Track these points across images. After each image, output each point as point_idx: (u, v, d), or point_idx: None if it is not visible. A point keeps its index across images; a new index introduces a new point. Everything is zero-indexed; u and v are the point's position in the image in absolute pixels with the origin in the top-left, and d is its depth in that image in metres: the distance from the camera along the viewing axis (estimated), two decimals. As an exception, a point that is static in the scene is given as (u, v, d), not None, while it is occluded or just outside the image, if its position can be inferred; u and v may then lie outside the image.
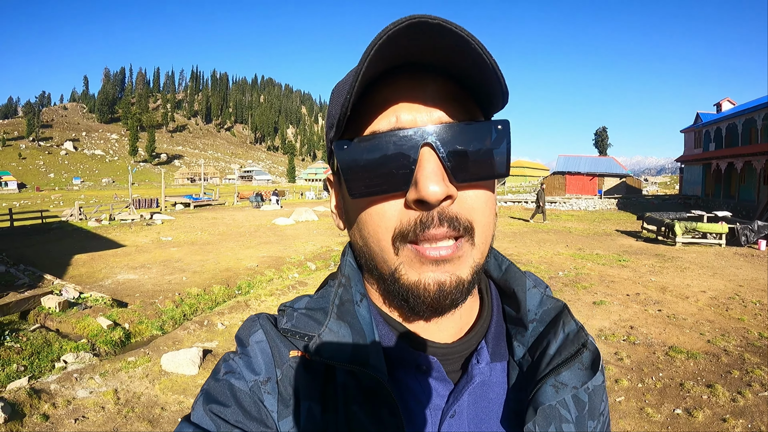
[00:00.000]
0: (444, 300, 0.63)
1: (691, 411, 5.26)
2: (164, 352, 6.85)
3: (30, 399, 5.37)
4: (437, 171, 0.60)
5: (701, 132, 41.79)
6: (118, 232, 20.86)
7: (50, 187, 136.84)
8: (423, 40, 0.57)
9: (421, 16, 0.54)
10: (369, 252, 0.68)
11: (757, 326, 8.01)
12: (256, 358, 0.70)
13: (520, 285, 0.78)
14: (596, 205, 40.17)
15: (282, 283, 11.63)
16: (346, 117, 0.63)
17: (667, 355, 6.78)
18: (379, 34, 0.54)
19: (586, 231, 22.76)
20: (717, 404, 5.41)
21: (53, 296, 8.85)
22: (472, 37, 0.56)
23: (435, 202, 0.59)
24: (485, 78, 0.61)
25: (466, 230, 0.63)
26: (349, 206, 0.71)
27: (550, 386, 0.68)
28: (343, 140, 0.64)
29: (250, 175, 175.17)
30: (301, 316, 0.72)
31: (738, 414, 5.17)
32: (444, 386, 0.70)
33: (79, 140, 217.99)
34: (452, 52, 0.59)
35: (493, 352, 0.74)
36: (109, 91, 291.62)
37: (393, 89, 0.64)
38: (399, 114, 0.63)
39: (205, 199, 46.81)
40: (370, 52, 0.55)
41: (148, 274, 12.15)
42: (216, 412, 0.64)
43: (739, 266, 13.59)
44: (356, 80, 0.57)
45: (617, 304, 9.34)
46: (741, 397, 5.52)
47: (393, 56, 0.59)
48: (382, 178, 0.62)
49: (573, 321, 0.74)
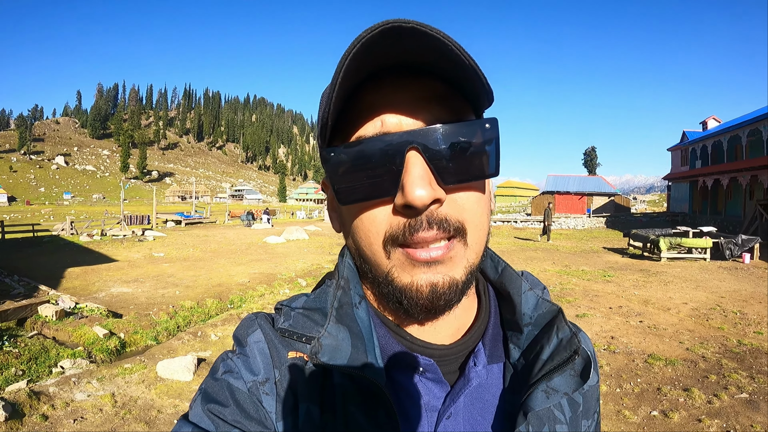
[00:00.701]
0: (438, 301, 0.63)
1: (667, 413, 5.48)
2: (159, 360, 7.05)
3: (30, 400, 5.55)
4: (423, 175, 0.60)
5: (687, 150, 42.50)
6: (110, 247, 20.95)
7: (40, 202, 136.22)
8: (400, 45, 0.57)
9: (395, 21, 0.54)
10: (362, 255, 0.69)
11: (736, 334, 8.29)
12: (254, 359, 0.70)
13: (516, 288, 0.78)
14: (585, 223, 40.52)
15: (273, 298, 11.84)
16: (328, 127, 0.64)
17: (645, 363, 7.00)
18: (353, 42, 0.55)
19: (573, 249, 23.07)
20: (693, 406, 5.64)
21: (50, 305, 9.03)
22: (448, 38, 0.57)
23: (422, 207, 0.59)
24: (467, 77, 0.62)
25: (458, 232, 0.63)
26: (341, 211, 0.72)
27: (541, 391, 0.69)
28: (330, 147, 0.64)
29: (241, 194, 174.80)
30: (298, 316, 0.73)
31: (713, 415, 5.40)
32: (440, 388, 0.70)
33: (70, 155, 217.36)
34: (431, 54, 0.59)
35: (490, 354, 0.75)
36: (102, 106, 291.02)
37: (377, 93, 0.64)
38: (384, 118, 0.63)
39: (197, 216, 46.93)
40: (345, 61, 0.56)
41: (142, 288, 12.29)
42: (214, 411, 0.64)
43: (723, 279, 13.97)
44: (333, 91, 0.58)
45: (599, 317, 9.57)
46: (717, 399, 5.76)
47: (371, 63, 0.59)
48: (369, 184, 0.63)
49: (567, 326, 0.74)
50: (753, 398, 5.77)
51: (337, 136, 0.67)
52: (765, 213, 24.61)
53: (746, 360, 7.03)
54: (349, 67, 0.56)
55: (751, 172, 28.93)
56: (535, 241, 26.30)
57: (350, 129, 0.65)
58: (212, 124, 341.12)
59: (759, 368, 6.70)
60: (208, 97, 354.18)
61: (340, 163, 0.63)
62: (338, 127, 0.66)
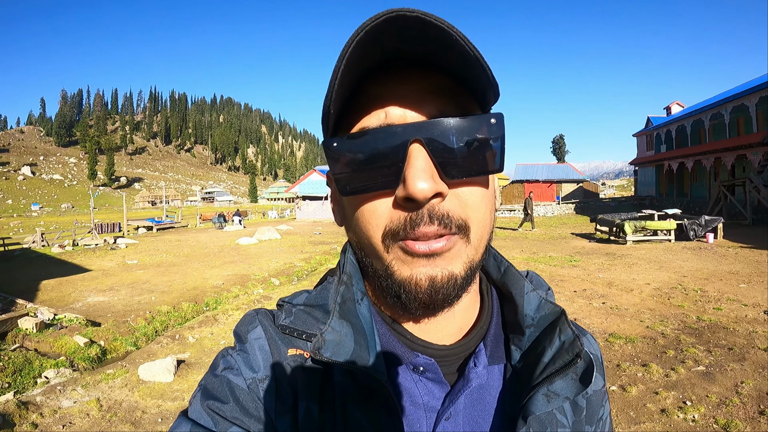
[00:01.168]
0: (436, 296, 0.62)
1: (625, 387, 5.80)
2: (140, 364, 7.22)
3: (18, 410, 5.73)
4: (426, 168, 0.59)
5: (652, 135, 43.36)
6: (83, 257, 20.81)
7: (8, 214, 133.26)
8: (404, 34, 0.57)
9: (400, 9, 0.53)
10: (363, 248, 0.68)
11: (696, 311, 8.68)
12: (254, 356, 0.70)
13: (518, 288, 0.77)
14: (554, 210, 41.02)
15: (248, 299, 12.03)
16: (331, 116, 0.63)
17: (606, 341, 7.35)
18: (356, 30, 0.55)
19: (542, 236, 23.44)
20: (651, 380, 5.95)
21: (29, 318, 9.12)
22: (452, 28, 0.56)
23: (423, 200, 0.58)
24: (471, 70, 0.61)
25: (460, 228, 0.62)
26: (343, 203, 0.71)
27: (542, 395, 0.68)
28: (332, 138, 0.64)
29: (211, 196, 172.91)
30: (300, 313, 0.74)
31: (670, 387, 5.72)
32: (440, 388, 0.70)
33: (36, 165, 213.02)
34: (435, 44, 0.58)
35: (491, 355, 0.74)
36: (67, 113, 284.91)
37: (382, 85, 0.63)
38: (389, 110, 0.62)
39: (168, 221, 46.50)
40: (348, 49, 0.55)
41: (118, 296, 12.34)
42: (214, 408, 0.65)
43: (686, 259, 14.48)
44: (335, 78, 0.57)
45: (564, 300, 9.89)
46: (674, 372, 6.09)
47: (375, 52, 0.59)
48: (371, 176, 0.62)
49: (570, 328, 0.72)
50: (709, 370, 6.07)
51: (341, 127, 0.67)
52: (728, 194, 25.19)
53: (704, 335, 7.38)
54: (352, 55, 0.56)
55: (714, 155, 29.75)
56: (514, 231, 26.40)
57: (354, 120, 0.65)
58: (180, 127, 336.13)
59: (716, 342, 7.03)
60: (174, 100, 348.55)
61: (342, 154, 0.63)
62: (342, 118, 0.67)
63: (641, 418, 5.14)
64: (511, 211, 41.07)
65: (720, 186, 25.94)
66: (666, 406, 5.32)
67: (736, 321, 7.96)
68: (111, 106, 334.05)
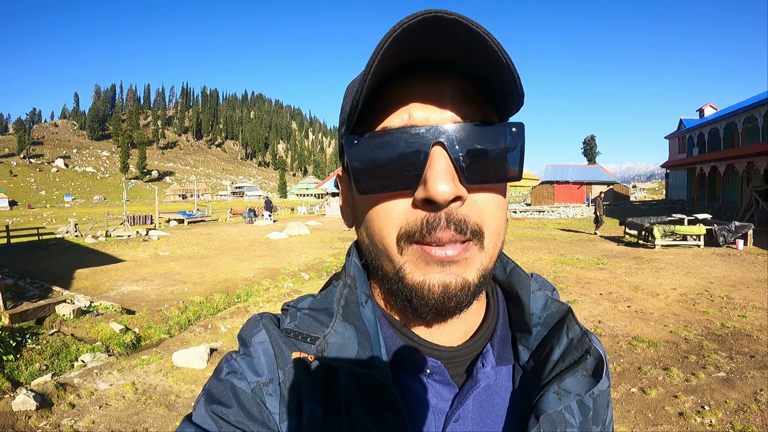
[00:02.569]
0: (448, 303, 0.62)
1: (645, 389, 5.85)
2: (174, 351, 7.49)
3: (57, 391, 6.01)
4: (447, 171, 0.59)
5: (685, 137, 42.54)
6: (115, 248, 21.14)
7: (41, 205, 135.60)
8: (438, 35, 0.56)
9: (437, 10, 0.53)
10: (374, 249, 0.67)
11: (720, 318, 8.61)
12: (258, 359, 0.70)
13: (525, 288, 0.77)
14: (584, 212, 40.35)
15: (278, 292, 12.19)
16: (357, 111, 0.62)
17: (629, 344, 7.39)
18: (393, 27, 0.54)
19: (570, 238, 23.26)
20: (671, 384, 5.99)
21: (66, 305, 9.42)
22: (488, 34, 0.56)
23: (443, 202, 0.59)
24: (500, 77, 0.61)
25: (474, 234, 0.62)
26: (357, 203, 0.71)
27: (553, 393, 0.68)
28: (353, 135, 0.64)
29: (241, 191, 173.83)
30: (304, 317, 0.73)
31: (690, 392, 5.75)
32: (448, 390, 0.70)
33: (70, 157, 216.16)
34: (467, 48, 0.58)
35: (498, 355, 0.74)
36: (100, 107, 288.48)
37: (407, 86, 0.63)
38: (412, 111, 0.62)
39: (199, 215, 46.91)
40: (383, 45, 0.55)
41: (151, 286, 12.61)
42: (217, 412, 0.65)
43: (714, 265, 14.24)
44: (368, 73, 0.57)
45: (589, 302, 9.93)
46: (694, 377, 6.11)
47: (407, 51, 0.58)
48: (390, 175, 0.61)
49: (577, 325, 0.73)
50: (730, 377, 6.08)
51: (361, 125, 0.66)
52: (760, 200, 24.70)
53: (727, 342, 7.36)
54: (386, 52, 0.56)
55: (747, 159, 29.05)
56: (589, 234, 25.01)
57: (375, 119, 0.65)
58: (210, 122, 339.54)
59: (738, 349, 7.01)
60: (205, 95, 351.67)
61: (363, 152, 0.63)
62: (363, 117, 0.66)
63: (659, 420, 5.20)
64: (540, 212, 40.80)
65: (752, 191, 25.45)
66: (684, 409, 5.37)
67: (760, 329, 7.92)
68: (143, 101, 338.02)
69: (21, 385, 6.27)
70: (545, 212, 40.97)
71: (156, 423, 5.46)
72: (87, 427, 5.32)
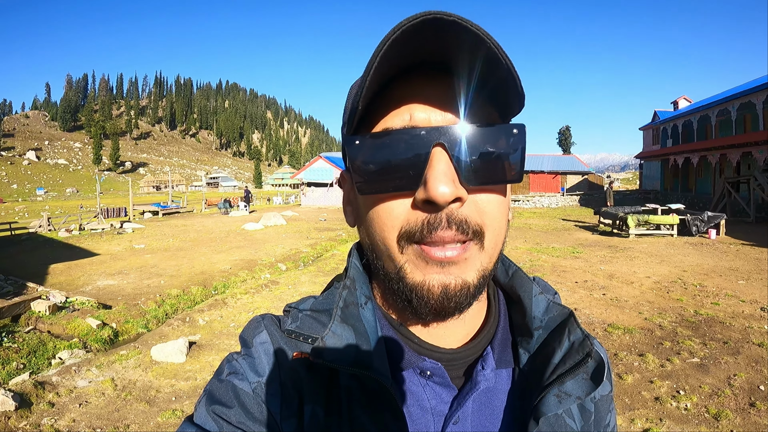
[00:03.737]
0: (448, 303, 0.63)
1: (621, 375, 6.00)
2: (152, 345, 7.44)
3: (35, 390, 5.94)
4: (448, 172, 0.59)
5: (659, 129, 43.29)
6: (90, 242, 20.90)
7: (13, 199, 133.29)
8: (438, 37, 0.57)
9: (437, 12, 0.54)
10: (375, 249, 0.68)
11: (694, 305, 8.86)
12: (260, 360, 0.70)
13: (527, 291, 0.77)
14: (559, 202, 40.95)
15: (255, 283, 12.18)
16: (358, 112, 0.63)
17: (605, 331, 7.56)
18: (393, 28, 0.54)
19: (546, 227, 23.56)
20: (646, 369, 6.16)
21: (42, 301, 9.31)
22: (487, 35, 0.56)
23: (443, 203, 0.59)
24: (500, 78, 0.61)
25: (476, 234, 0.62)
26: (358, 203, 0.71)
27: (553, 396, 0.68)
28: (354, 135, 0.64)
29: (216, 181, 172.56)
30: (305, 318, 0.73)
31: (665, 377, 5.92)
32: (448, 392, 0.70)
33: (41, 149, 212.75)
34: (467, 49, 0.58)
35: (498, 358, 0.74)
36: (72, 98, 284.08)
37: (408, 87, 0.64)
38: (413, 112, 0.63)
39: (174, 206, 46.31)
40: (383, 47, 0.55)
41: (127, 280, 12.51)
42: (219, 413, 0.65)
43: (687, 254, 14.63)
44: (368, 75, 0.57)
45: (565, 291, 10.08)
46: (669, 363, 6.29)
47: (407, 52, 0.59)
48: (391, 176, 0.62)
49: (579, 329, 0.73)
50: (704, 362, 6.27)
51: (363, 126, 0.67)
52: (733, 191, 25.13)
53: (701, 328, 7.57)
54: (386, 53, 0.56)
55: (720, 151, 29.71)
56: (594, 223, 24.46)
57: (376, 119, 0.65)
58: (185, 112, 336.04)
59: (712, 336, 7.22)
60: (179, 85, 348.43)
61: (364, 152, 0.63)
62: (365, 118, 0.66)
63: (635, 405, 5.32)
64: (516, 201, 41.05)
65: (724, 182, 25.81)
66: (660, 394, 5.51)
67: (733, 316, 8.12)
68: (116, 91, 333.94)
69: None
70: (521, 201, 41.26)
71: (137, 419, 5.43)
72: (68, 425, 5.29)
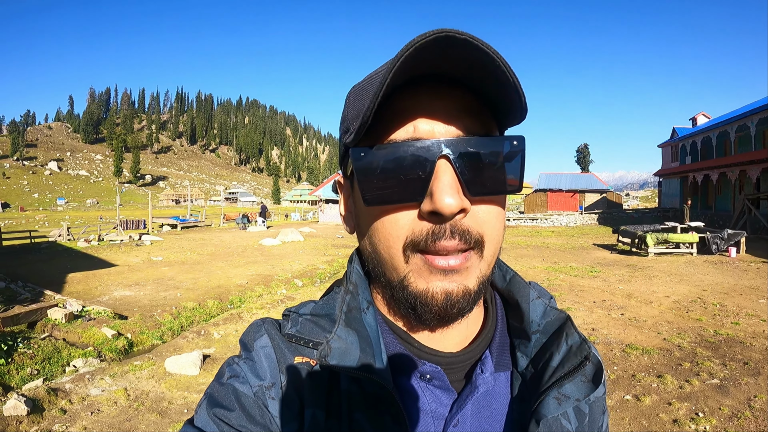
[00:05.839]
0: (451, 309, 0.64)
1: (639, 397, 5.85)
2: (166, 357, 7.44)
3: (48, 396, 5.96)
4: (453, 184, 0.60)
5: (678, 146, 42.66)
6: (108, 252, 21.08)
7: (34, 208, 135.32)
8: (448, 54, 0.58)
9: (449, 30, 0.55)
10: (378, 258, 0.68)
11: (714, 325, 8.66)
12: (260, 363, 0.71)
13: (524, 296, 0.78)
14: (577, 220, 40.72)
15: (271, 298, 12.23)
16: (366, 125, 0.63)
17: (623, 352, 7.39)
18: (406, 45, 0.55)
19: (564, 246, 23.34)
20: (665, 391, 6.01)
21: (58, 309, 9.37)
22: (497, 54, 0.57)
23: (449, 215, 0.60)
24: (506, 95, 0.62)
25: (477, 243, 0.64)
26: (360, 212, 0.71)
27: (552, 398, 0.69)
28: (360, 147, 0.65)
29: (235, 196, 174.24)
30: (306, 322, 0.74)
31: (684, 398, 5.77)
32: (447, 395, 0.71)
33: (63, 160, 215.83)
34: (476, 67, 0.60)
35: (497, 362, 0.75)
36: (94, 111, 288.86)
37: (413, 99, 0.64)
38: (417, 124, 0.63)
39: (192, 220, 46.87)
40: (396, 63, 0.56)
41: (143, 291, 12.57)
42: (220, 416, 0.65)
43: (707, 272, 14.34)
44: (381, 89, 0.58)
45: (583, 310, 9.95)
46: (688, 384, 6.13)
47: (417, 67, 0.60)
48: (397, 188, 0.63)
49: (576, 333, 0.75)
50: (723, 384, 6.10)
51: (367, 137, 0.67)
52: (753, 207, 24.80)
53: (721, 349, 7.39)
54: (398, 71, 0.57)
55: (739, 167, 29.16)
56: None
57: (381, 131, 0.65)
58: (205, 127, 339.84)
59: (732, 356, 7.04)
60: (200, 100, 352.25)
61: (370, 164, 0.64)
62: (369, 128, 0.66)
63: (653, 427, 5.20)
64: (534, 220, 40.88)
65: (744, 199, 25.53)
66: (678, 416, 5.38)
67: (753, 336, 7.96)
68: (138, 105, 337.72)
69: (12, 390, 6.23)
70: (539, 220, 41.13)
71: (149, 429, 5.42)
72: (78, 433, 5.28)
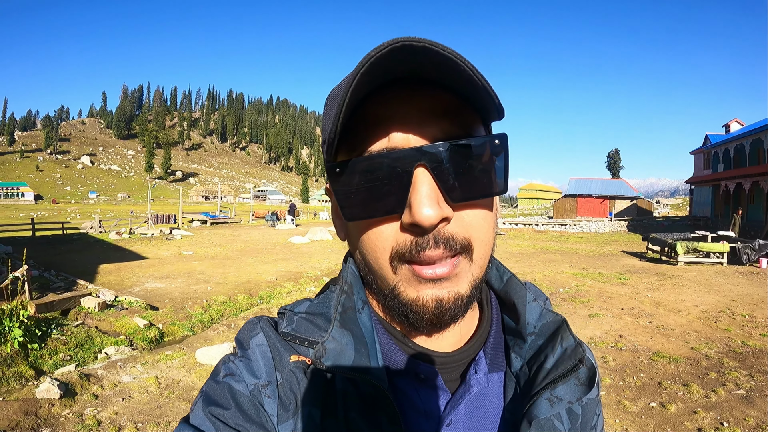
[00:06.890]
0: (443, 316, 0.63)
1: (664, 404, 5.83)
2: (197, 348, 7.58)
3: (81, 381, 6.12)
4: (431, 194, 0.59)
5: (710, 153, 41.87)
6: (139, 245, 21.45)
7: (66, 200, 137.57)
8: (409, 62, 0.57)
9: (406, 39, 0.53)
10: (368, 268, 0.69)
11: (742, 336, 8.54)
12: (256, 362, 0.70)
13: (520, 297, 0.78)
14: (606, 227, 40.06)
15: (300, 295, 12.29)
16: (334, 145, 0.63)
17: (650, 359, 7.34)
18: (361, 60, 0.54)
19: (592, 252, 23.12)
20: (690, 399, 5.97)
21: (92, 298, 9.61)
22: (460, 58, 0.56)
23: (429, 227, 0.59)
24: (478, 96, 0.62)
25: (464, 249, 0.63)
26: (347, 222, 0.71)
27: (545, 400, 0.69)
28: (335, 163, 0.64)
29: (264, 194, 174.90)
30: (301, 321, 0.74)
31: (709, 408, 5.72)
32: (442, 395, 0.70)
33: (95, 155, 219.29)
34: (442, 70, 0.59)
35: (491, 362, 0.75)
36: (127, 107, 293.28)
37: (385, 105, 0.62)
38: (391, 133, 0.62)
39: (222, 216, 47.32)
40: (353, 81, 0.55)
41: (174, 284, 12.81)
42: (215, 414, 0.65)
43: (737, 283, 14.08)
44: (341, 110, 0.57)
45: (611, 317, 9.89)
46: (714, 394, 6.07)
47: (383, 76, 0.59)
48: (376, 201, 0.62)
49: (571, 336, 0.74)
50: (749, 395, 6.05)
51: (343, 148, 0.66)
52: (785, 218, 24.36)
53: (748, 360, 7.30)
54: (357, 85, 0.56)
55: (772, 176, 28.61)
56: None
57: (356, 142, 0.64)
58: (236, 125, 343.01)
59: (759, 368, 6.96)
60: (231, 99, 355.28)
61: (346, 179, 0.63)
62: (344, 139, 0.65)
63: (678, 434, 5.19)
64: (563, 226, 40.55)
65: (777, 209, 25.04)
66: (703, 425, 5.35)
67: (782, 348, 7.85)
68: (170, 103, 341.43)
69: (44, 374, 6.40)
70: (567, 225, 40.70)
71: (178, 417, 5.50)
72: (110, 417, 5.41)
